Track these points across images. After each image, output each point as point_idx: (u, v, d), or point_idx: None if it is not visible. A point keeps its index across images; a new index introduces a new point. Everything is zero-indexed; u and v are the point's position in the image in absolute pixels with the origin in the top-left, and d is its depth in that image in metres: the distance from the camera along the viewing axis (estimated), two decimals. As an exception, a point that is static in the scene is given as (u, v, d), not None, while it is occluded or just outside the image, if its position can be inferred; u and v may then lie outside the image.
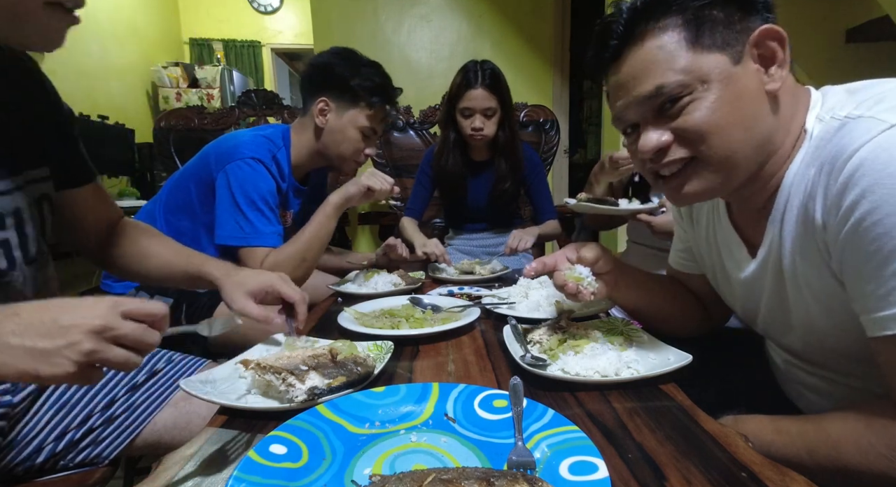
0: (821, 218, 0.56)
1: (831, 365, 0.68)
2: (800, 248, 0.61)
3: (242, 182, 1.22)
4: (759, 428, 0.61)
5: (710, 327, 0.91)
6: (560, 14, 3.13)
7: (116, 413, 0.79)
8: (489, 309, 0.99)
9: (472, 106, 1.70)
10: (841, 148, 0.53)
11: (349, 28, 3.01)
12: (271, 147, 1.31)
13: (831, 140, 0.55)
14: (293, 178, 1.40)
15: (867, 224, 0.50)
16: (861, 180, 0.50)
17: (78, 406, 0.77)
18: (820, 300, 0.61)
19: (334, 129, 1.34)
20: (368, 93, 1.32)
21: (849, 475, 0.53)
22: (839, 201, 0.52)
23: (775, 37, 0.59)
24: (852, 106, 0.56)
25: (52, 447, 0.74)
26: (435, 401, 0.59)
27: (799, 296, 0.63)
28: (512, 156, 1.80)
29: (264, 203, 1.24)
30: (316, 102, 1.32)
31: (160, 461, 0.50)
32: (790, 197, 0.61)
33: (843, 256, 0.54)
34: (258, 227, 1.22)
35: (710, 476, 0.45)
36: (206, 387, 0.63)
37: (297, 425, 0.53)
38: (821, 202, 0.56)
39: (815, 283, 0.60)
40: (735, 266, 0.73)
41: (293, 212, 1.46)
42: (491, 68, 1.70)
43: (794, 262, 0.62)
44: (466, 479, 0.41)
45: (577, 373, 0.66)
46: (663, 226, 1.27)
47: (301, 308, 0.83)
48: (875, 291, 0.51)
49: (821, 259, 0.58)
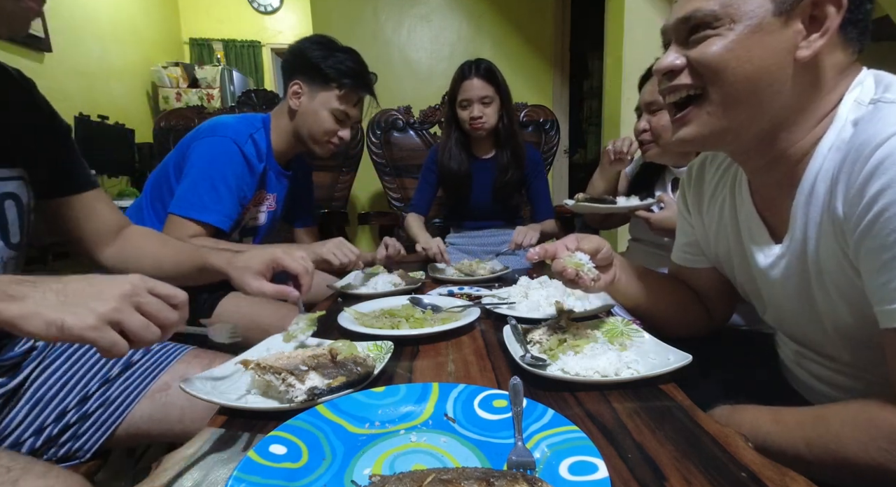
0: (842, 207, 0.55)
1: (851, 359, 0.66)
2: (823, 237, 0.59)
3: (209, 157, 1.24)
4: (756, 418, 0.60)
5: (710, 327, 0.91)
6: (560, 14, 3.13)
7: (92, 409, 0.79)
8: (489, 309, 0.99)
9: (468, 96, 1.73)
10: (871, 134, 0.51)
11: (349, 28, 3.00)
12: (249, 128, 1.33)
13: (862, 124, 0.54)
14: (275, 162, 1.42)
15: (888, 215, 0.49)
16: (888, 170, 0.49)
17: (53, 403, 0.77)
18: (843, 291, 0.59)
19: (307, 111, 1.36)
20: (340, 74, 1.33)
21: (847, 467, 0.52)
22: (862, 191, 0.51)
23: (835, 3, 0.56)
24: (884, 89, 0.55)
25: (32, 442, 0.75)
26: (435, 401, 0.59)
27: (823, 287, 0.62)
28: (513, 146, 1.82)
29: (223, 181, 1.24)
30: (290, 85, 1.36)
31: (160, 461, 0.50)
32: (817, 181, 0.59)
33: (859, 246, 0.53)
34: (204, 201, 1.22)
35: (710, 476, 0.45)
36: (205, 387, 0.63)
37: (296, 425, 0.53)
38: (843, 190, 0.54)
39: (836, 273, 0.59)
40: (759, 251, 0.71)
41: (277, 195, 1.47)
42: (486, 62, 1.74)
43: (818, 251, 0.60)
44: (466, 479, 0.41)
45: (577, 373, 0.66)
46: (661, 223, 1.27)
47: (304, 279, 0.84)
48: (889, 283, 0.50)
49: (840, 249, 0.57)
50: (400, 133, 2.37)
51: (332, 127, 1.38)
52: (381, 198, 2.77)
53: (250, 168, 1.31)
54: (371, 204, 3.11)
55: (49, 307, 0.48)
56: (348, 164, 2.44)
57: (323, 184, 2.37)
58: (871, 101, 0.56)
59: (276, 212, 1.49)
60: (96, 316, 0.49)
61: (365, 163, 2.43)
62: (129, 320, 0.51)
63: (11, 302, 0.48)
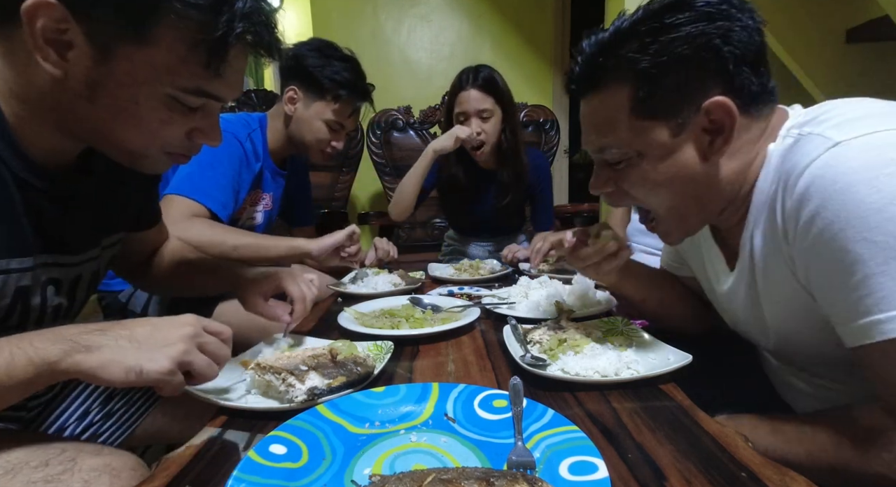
0: (781, 231, 0.58)
1: (816, 371, 0.69)
2: (768, 261, 0.62)
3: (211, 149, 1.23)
4: (755, 428, 0.61)
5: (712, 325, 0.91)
6: (560, 14, 3.12)
7: (115, 408, 0.80)
8: (489, 309, 0.99)
9: (465, 109, 1.60)
10: (794, 164, 0.55)
11: (349, 28, 3.00)
12: (247, 128, 1.33)
13: (786, 156, 0.57)
14: (271, 161, 1.41)
15: (825, 238, 0.51)
16: (813, 196, 0.52)
17: (76, 403, 0.78)
18: (792, 309, 0.62)
19: (301, 119, 1.35)
20: (336, 86, 1.32)
21: (848, 476, 0.53)
22: (797, 215, 0.54)
23: (725, 110, 0.58)
24: (805, 123, 0.57)
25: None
26: (435, 401, 0.59)
27: (773, 307, 0.65)
28: (515, 166, 1.69)
29: (222, 172, 1.22)
30: (286, 90, 1.34)
31: (160, 461, 0.50)
32: (757, 213, 0.62)
33: (808, 269, 0.56)
34: (205, 185, 1.20)
35: (710, 476, 0.45)
36: (206, 387, 0.63)
37: (296, 425, 0.53)
38: (780, 215, 0.57)
39: (785, 294, 0.62)
40: (716, 278, 0.76)
41: (273, 194, 1.46)
42: (486, 71, 1.60)
43: (766, 274, 0.64)
44: (466, 479, 0.41)
45: (577, 373, 0.66)
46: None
47: (297, 307, 0.83)
48: (844, 302, 0.52)
49: (788, 270, 0.59)
50: (400, 133, 2.37)
51: (326, 137, 1.36)
52: (381, 198, 2.77)
53: (248, 165, 1.31)
54: (371, 204, 3.11)
55: (126, 354, 0.50)
56: (348, 164, 2.44)
57: (323, 184, 2.37)
58: (789, 135, 0.59)
59: (272, 212, 1.49)
60: (170, 361, 0.51)
61: (365, 163, 2.43)
62: (196, 361, 0.53)
63: (89, 354, 0.49)
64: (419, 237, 2.45)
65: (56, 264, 0.62)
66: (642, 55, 0.59)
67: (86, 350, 0.49)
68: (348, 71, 1.34)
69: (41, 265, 0.60)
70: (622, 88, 0.61)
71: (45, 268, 0.61)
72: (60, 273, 0.63)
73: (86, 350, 0.49)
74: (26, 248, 0.58)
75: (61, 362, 0.47)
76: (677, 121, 0.60)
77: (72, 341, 0.49)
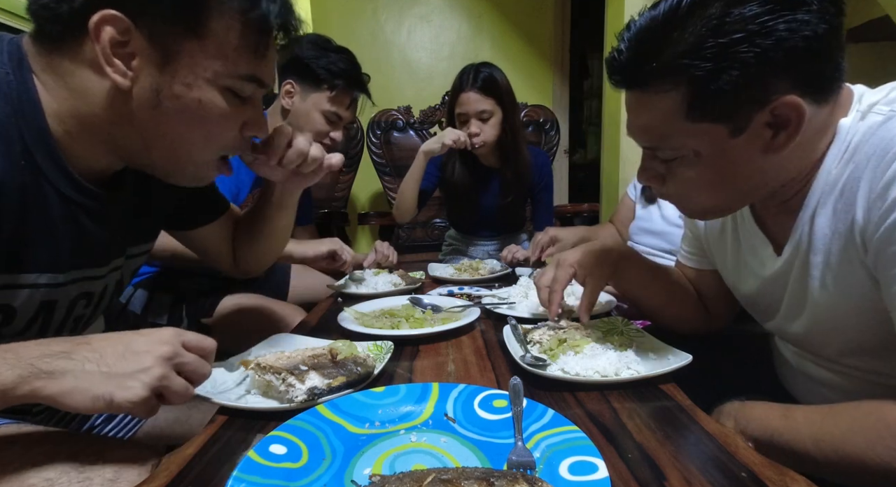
0: (861, 213, 0.54)
1: (846, 360, 0.67)
2: (832, 243, 0.59)
3: None
4: (766, 413, 0.60)
5: (708, 327, 0.91)
6: (560, 14, 3.12)
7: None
8: (489, 309, 0.99)
9: (465, 111, 1.62)
10: (889, 142, 0.51)
11: (349, 28, 3.00)
12: None
13: (875, 134, 0.53)
14: None
15: None
16: None
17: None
18: (847, 294, 0.59)
19: (299, 111, 1.35)
20: (332, 76, 1.32)
21: (853, 465, 0.52)
22: (884, 194, 0.51)
23: (792, 107, 0.53)
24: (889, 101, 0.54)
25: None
26: (435, 401, 0.59)
27: (823, 291, 0.62)
28: (516, 165, 1.72)
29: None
30: (283, 84, 1.35)
31: (160, 461, 0.50)
32: (822, 195, 0.59)
33: (878, 251, 0.53)
34: None
35: (710, 476, 0.45)
36: (206, 387, 0.63)
37: (296, 425, 0.53)
38: (864, 196, 0.54)
39: (847, 279, 0.59)
40: (759, 264, 0.71)
41: None
42: (486, 71, 1.62)
43: (828, 258, 0.60)
44: (466, 479, 0.41)
45: (577, 373, 0.66)
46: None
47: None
48: None
49: (856, 255, 0.56)
50: (400, 133, 2.37)
51: (324, 128, 1.37)
52: (381, 198, 2.78)
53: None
54: (371, 204, 3.11)
55: (93, 382, 0.46)
56: (348, 164, 2.44)
57: (323, 184, 2.37)
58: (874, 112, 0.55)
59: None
60: (145, 388, 0.47)
61: (365, 163, 2.43)
62: (172, 385, 0.49)
63: (51, 380, 0.45)
64: (419, 237, 2.45)
65: (85, 278, 0.63)
66: (699, 61, 0.52)
67: (47, 376, 0.45)
68: (344, 61, 1.34)
69: (71, 281, 0.60)
70: (675, 92, 0.56)
71: (76, 284, 0.61)
72: (91, 286, 0.64)
73: (47, 376, 0.45)
74: (60, 264, 0.58)
75: (17, 389, 0.44)
76: (737, 122, 0.55)
77: (31, 365, 0.45)
